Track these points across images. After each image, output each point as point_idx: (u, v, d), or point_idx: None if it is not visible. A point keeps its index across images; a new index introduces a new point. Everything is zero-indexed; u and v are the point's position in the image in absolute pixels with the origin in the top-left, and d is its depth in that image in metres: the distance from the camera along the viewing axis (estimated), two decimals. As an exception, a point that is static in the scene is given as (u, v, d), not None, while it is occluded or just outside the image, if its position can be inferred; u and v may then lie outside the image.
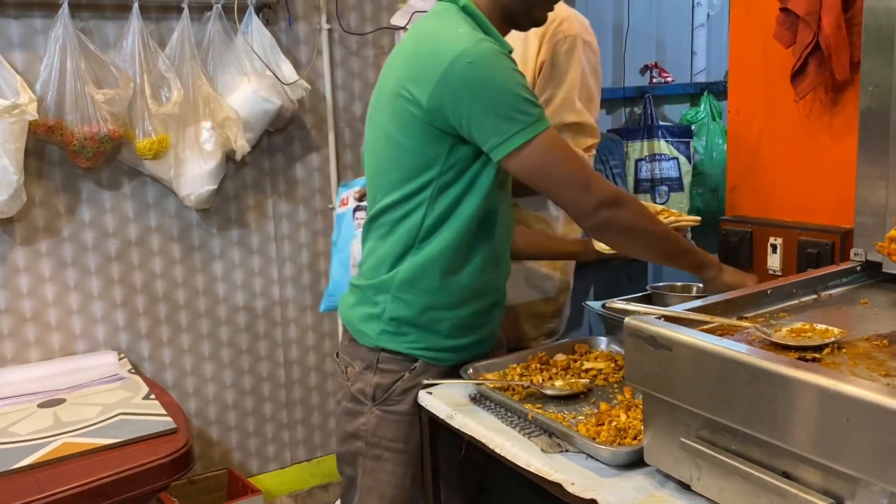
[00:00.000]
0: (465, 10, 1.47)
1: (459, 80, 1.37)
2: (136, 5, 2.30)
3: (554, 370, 1.54)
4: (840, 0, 1.60)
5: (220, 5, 2.44)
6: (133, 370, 2.34)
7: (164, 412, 1.97)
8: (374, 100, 1.61)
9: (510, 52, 1.47)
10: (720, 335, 1.06)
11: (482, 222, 1.50)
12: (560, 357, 1.60)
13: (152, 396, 2.09)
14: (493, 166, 1.46)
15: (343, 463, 1.65)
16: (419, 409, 1.51)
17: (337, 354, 1.68)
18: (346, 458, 1.63)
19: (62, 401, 2.09)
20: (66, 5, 2.20)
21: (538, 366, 1.55)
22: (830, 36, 1.59)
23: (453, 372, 1.55)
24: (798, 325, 1.06)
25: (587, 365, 1.56)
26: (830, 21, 1.59)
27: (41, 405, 2.06)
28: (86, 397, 2.11)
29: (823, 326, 1.04)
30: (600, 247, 1.74)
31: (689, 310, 1.12)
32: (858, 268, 1.30)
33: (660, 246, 1.51)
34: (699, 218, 1.71)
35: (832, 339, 1.01)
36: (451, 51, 1.37)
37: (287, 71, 2.54)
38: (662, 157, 3.34)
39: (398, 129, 1.47)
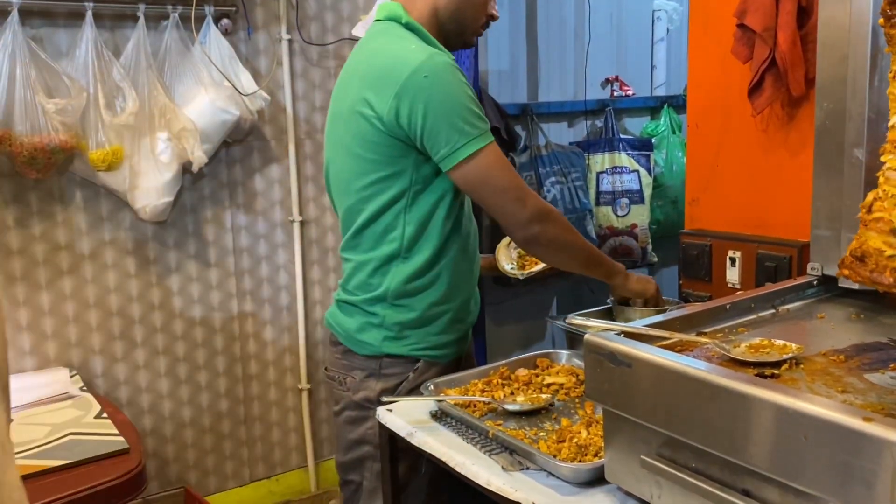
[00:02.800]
0: (407, 26, 1.55)
1: (416, 92, 1.44)
2: (89, 13, 2.25)
3: (516, 385, 1.53)
4: (795, 17, 1.62)
5: (177, 14, 2.39)
6: (85, 388, 2.27)
7: (117, 431, 1.91)
8: (330, 122, 1.66)
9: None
10: (680, 351, 1.06)
11: (455, 222, 1.60)
12: (522, 372, 1.59)
13: (104, 415, 2.03)
14: None
15: (348, 471, 1.69)
16: (379, 426, 1.48)
17: (326, 368, 1.74)
18: (352, 466, 1.67)
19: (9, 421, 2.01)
20: (15, 12, 2.14)
21: (500, 381, 1.54)
22: (786, 52, 1.62)
23: (452, 369, 1.63)
24: (756, 340, 1.06)
25: (549, 380, 1.55)
26: (786, 37, 1.62)
27: (-13, 425, 1.99)
28: (34, 417, 2.04)
29: (781, 342, 1.04)
30: (502, 267, 1.96)
31: (648, 325, 1.12)
32: (815, 282, 1.31)
33: (581, 257, 1.62)
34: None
35: (790, 354, 1.01)
36: (408, 65, 1.45)
37: (246, 81, 2.50)
38: (623, 169, 3.36)
39: (361, 145, 1.53)
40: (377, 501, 1.61)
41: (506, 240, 1.99)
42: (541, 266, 1.88)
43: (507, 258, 1.97)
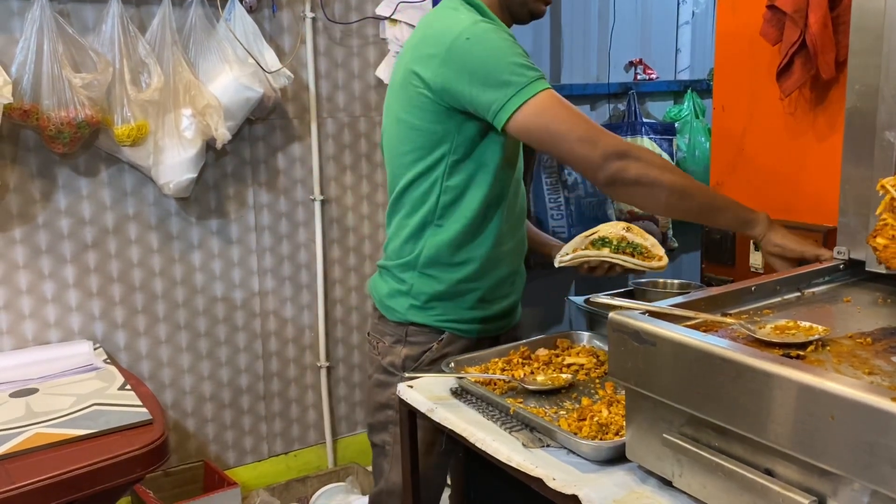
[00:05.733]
0: (467, 1, 1.57)
1: (459, 55, 1.46)
2: (115, -11, 2.26)
3: (536, 365, 1.54)
4: (827, -2, 1.60)
5: (202, -9, 2.40)
6: (108, 360, 2.30)
7: (140, 403, 1.94)
8: (388, 92, 1.70)
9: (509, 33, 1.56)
10: (704, 331, 1.06)
11: (495, 197, 1.59)
12: (542, 352, 1.59)
13: (127, 387, 2.06)
14: (499, 144, 1.55)
15: (375, 432, 1.73)
16: (400, 402, 1.49)
17: (368, 333, 1.77)
18: (378, 428, 1.71)
19: (35, 391, 2.05)
20: (43, -13, 2.15)
21: (520, 360, 1.55)
22: (817, 34, 1.60)
23: (478, 345, 1.64)
24: (782, 322, 1.06)
25: (569, 360, 1.55)
26: (817, 19, 1.59)
27: (13, 395, 2.02)
28: (59, 387, 2.07)
29: (807, 324, 1.04)
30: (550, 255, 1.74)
31: (673, 305, 1.11)
32: (841, 266, 1.30)
33: (686, 200, 1.44)
34: (662, 265, 1.60)
35: (816, 336, 1.00)
36: (452, 31, 1.48)
37: (270, 59, 2.50)
38: (646, 153, 3.33)
39: (408, 111, 1.57)
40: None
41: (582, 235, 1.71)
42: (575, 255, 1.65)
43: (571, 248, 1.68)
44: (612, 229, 1.65)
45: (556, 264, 1.65)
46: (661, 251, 1.60)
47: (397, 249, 1.66)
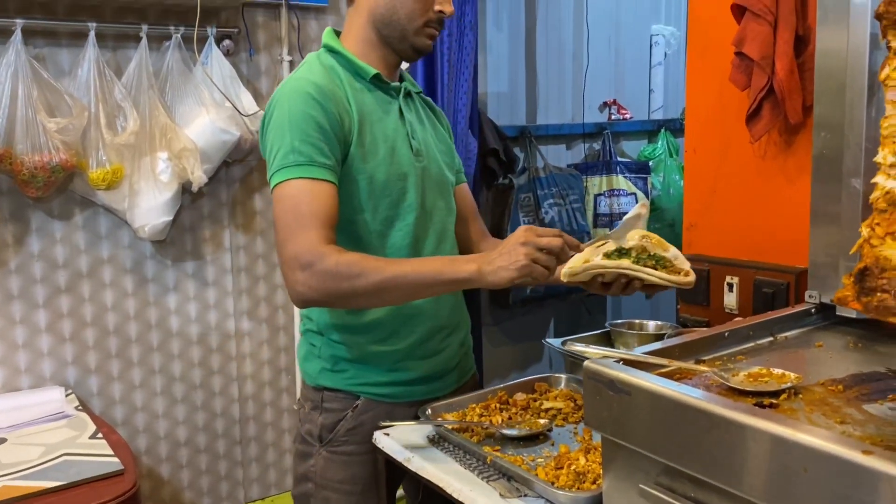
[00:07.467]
0: (325, 47, 1.55)
1: (264, 118, 1.46)
2: (92, 33, 2.26)
3: (514, 410, 1.53)
4: (793, 45, 1.64)
5: (179, 35, 2.41)
6: (80, 407, 2.26)
7: (111, 452, 1.90)
8: None
9: (371, 76, 1.50)
10: (678, 379, 1.06)
11: (388, 248, 1.48)
12: (520, 396, 1.58)
13: (99, 435, 2.02)
14: (358, 188, 1.44)
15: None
16: (375, 450, 1.47)
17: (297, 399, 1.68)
18: (300, 500, 1.60)
19: (3, 440, 2.00)
20: (18, 31, 2.15)
21: (497, 405, 1.54)
22: (784, 80, 1.63)
23: (406, 410, 1.52)
24: (755, 369, 1.06)
25: (547, 404, 1.55)
26: (784, 66, 1.63)
27: (-20, 445, 1.98)
28: (29, 437, 2.03)
29: (780, 371, 1.04)
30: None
31: (647, 353, 1.12)
32: (813, 310, 1.31)
33: (388, 293, 1.33)
34: (690, 280, 1.34)
35: (789, 384, 1.01)
36: (278, 88, 1.47)
37: (247, 102, 2.51)
38: (621, 192, 3.38)
39: None
40: None
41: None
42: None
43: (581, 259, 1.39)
44: (628, 237, 1.37)
45: (564, 279, 1.36)
46: (686, 265, 1.36)
47: (305, 315, 1.56)
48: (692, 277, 1.33)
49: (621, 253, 1.36)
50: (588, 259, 1.36)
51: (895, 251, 1.08)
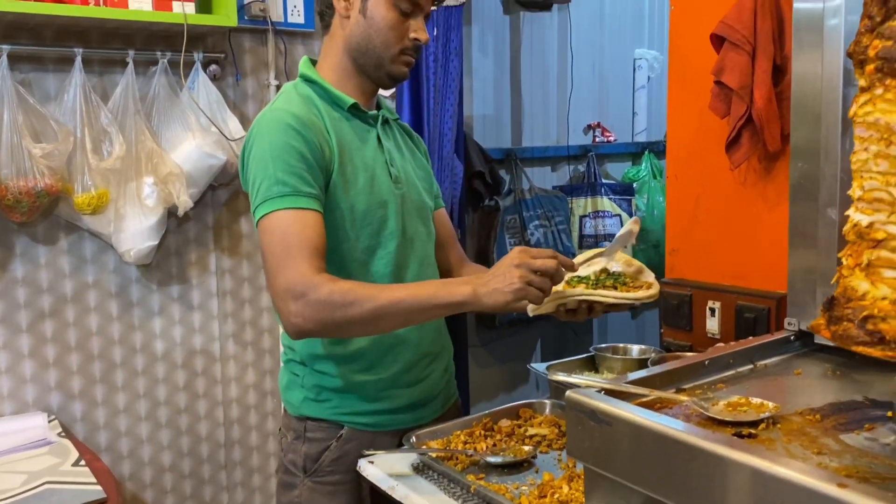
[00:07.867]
0: (302, 77, 1.53)
1: (244, 148, 1.46)
2: (78, 59, 2.27)
3: (498, 436, 1.53)
4: (771, 74, 1.67)
5: (165, 60, 2.42)
6: (63, 433, 2.24)
7: (94, 480, 1.89)
8: None
9: (348, 105, 1.49)
10: (659, 409, 1.07)
11: (368, 276, 1.48)
12: (504, 422, 1.59)
13: (82, 463, 2.00)
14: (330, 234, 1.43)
15: None
16: (359, 478, 1.47)
17: (279, 429, 1.66)
18: None
19: (-15, 468, 1.98)
20: (4, 57, 2.16)
21: (482, 432, 1.54)
22: (762, 109, 1.67)
23: (391, 438, 1.52)
24: (734, 398, 1.08)
25: (531, 431, 1.55)
26: (762, 94, 1.67)
27: (-38, 473, 1.96)
28: (10, 464, 2.01)
29: (759, 401, 1.05)
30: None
31: (629, 383, 1.13)
32: (792, 337, 1.33)
33: (385, 320, 1.32)
34: (651, 293, 1.41)
35: (767, 413, 1.02)
36: (258, 119, 1.46)
37: (233, 126, 2.52)
38: (605, 213, 3.41)
39: None
40: None
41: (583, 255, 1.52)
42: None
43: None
44: (586, 260, 1.44)
45: (530, 314, 1.42)
46: (649, 277, 1.40)
47: (286, 340, 1.54)
48: (654, 290, 1.39)
49: (580, 279, 1.43)
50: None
51: (861, 282, 1.10)
